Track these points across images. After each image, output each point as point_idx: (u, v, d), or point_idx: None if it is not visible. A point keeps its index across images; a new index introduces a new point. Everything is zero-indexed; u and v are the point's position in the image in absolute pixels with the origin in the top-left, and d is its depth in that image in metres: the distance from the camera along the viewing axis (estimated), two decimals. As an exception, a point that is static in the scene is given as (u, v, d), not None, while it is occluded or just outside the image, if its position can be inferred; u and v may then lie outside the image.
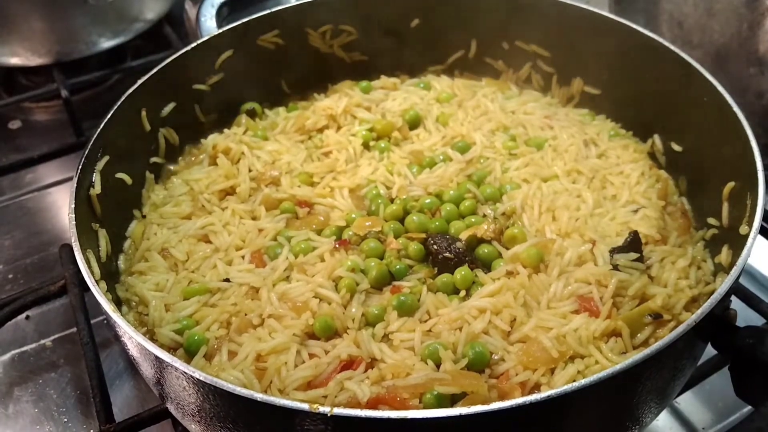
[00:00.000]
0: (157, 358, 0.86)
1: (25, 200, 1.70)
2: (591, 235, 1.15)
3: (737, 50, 1.53)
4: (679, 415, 1.19)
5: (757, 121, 1.53)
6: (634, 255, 1.09)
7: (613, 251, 1.10)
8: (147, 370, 0.96)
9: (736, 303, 1.21)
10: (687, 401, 1.20)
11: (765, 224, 1.36)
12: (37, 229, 1.61)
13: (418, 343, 1.00)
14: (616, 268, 1.08)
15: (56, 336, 1.37)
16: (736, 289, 1.22)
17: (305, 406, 0.77)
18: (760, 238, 1.37)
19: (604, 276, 1.05)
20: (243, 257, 1.16)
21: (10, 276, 1.51)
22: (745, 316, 1.21)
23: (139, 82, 1.28)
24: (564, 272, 1.08)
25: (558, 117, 1.45)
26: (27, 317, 1.39)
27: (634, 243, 1.10)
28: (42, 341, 1.36)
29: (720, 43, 1.56)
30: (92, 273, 0.99)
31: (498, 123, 1.41)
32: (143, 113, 1.30)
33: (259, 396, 0.79)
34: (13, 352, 1.35)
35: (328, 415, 0.77)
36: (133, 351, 0.95)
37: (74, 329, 1.29)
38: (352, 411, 0.77)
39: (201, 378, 0.82)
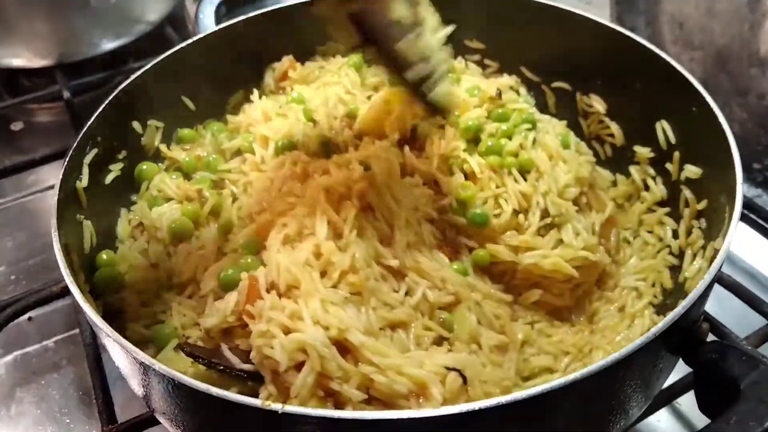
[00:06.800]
0: (96, 326, 0.87)
1: (27, 202, 1.70)
2: None
3: (738, 51, 1.53)
4: (679, 415, 1.19)
5: (758, 122, 1.54)
6: None
7: None
8: (104, 342, 0.97)
9: (737, 304, 1.22)
10: (688, 401, 1.19)
11: (765, 223, 1.37)
12: (39, 230, 1.61)
13: None
14: None
15: (58, 337, 1.37)
16: (737, 290, 1.22)
17: (258, 402, 0.76)
18: (761, 237, 1.37)
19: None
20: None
21: (13, 277, 1.51)
22: (746, 316, 1.20)
23: (133, 77, 1.29)
24: None
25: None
26: (29, 318, 1.39)
27: None
28: (44, 342, 1.37)
29: (721, 43, 1.56)
30: (71, 263, 0.99)
31: None
32: (136, 109, 1.30)
33: (215, 390, 0.77)
34: (16, 353, 1.35)
35: (279, 412, 0.75)
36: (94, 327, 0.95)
37: (76, 330, 1.30)
38: (303, 409, 0.76)
39: (145, 362, 0.82)
